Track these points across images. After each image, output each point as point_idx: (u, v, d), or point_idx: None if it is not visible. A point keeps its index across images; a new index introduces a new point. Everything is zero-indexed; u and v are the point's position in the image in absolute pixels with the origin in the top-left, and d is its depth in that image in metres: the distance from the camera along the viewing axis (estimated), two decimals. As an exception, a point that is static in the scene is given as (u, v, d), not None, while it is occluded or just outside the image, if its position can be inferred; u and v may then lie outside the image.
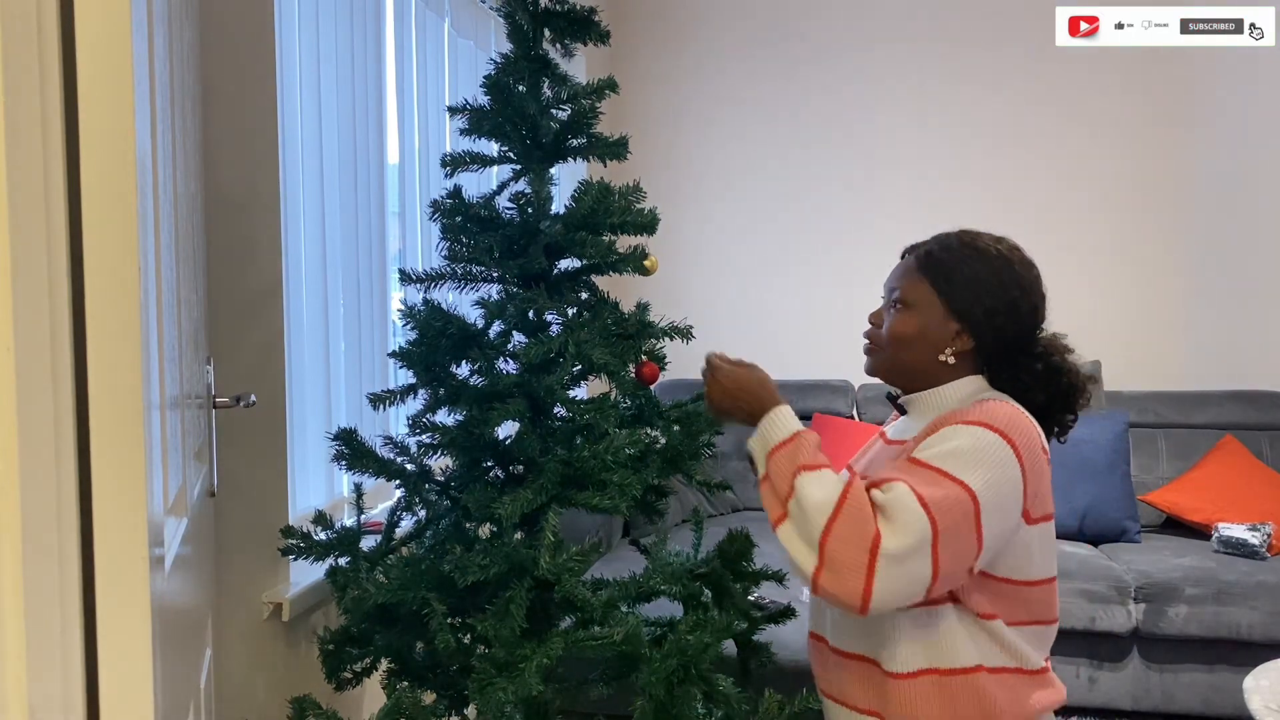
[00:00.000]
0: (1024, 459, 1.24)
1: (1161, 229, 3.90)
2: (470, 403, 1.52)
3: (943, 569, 1.18)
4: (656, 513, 1.66)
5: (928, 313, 1.36)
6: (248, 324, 1.75)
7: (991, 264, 1.36)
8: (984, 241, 1.38)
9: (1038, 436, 1.29)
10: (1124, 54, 3.86)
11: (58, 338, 0.90)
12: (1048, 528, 1.32)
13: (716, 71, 4.20)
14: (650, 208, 1.56)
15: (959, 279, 1.35)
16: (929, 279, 1.37)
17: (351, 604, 1.54)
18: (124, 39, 0.89)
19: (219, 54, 1.64)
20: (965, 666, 1.28)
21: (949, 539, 1.18)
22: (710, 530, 1.78)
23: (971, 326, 1.35)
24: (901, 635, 1.29)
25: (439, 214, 1.56)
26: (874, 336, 1.42)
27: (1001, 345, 1.37)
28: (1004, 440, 1.24)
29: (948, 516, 1.18)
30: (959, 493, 1.19)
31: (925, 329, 1.36)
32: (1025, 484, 1.24)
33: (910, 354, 1.38)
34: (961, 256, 1.36)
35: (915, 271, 1.39)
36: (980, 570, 1.26)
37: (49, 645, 0.90)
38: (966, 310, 1.35)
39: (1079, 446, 3.28)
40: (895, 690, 1.30)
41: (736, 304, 4.21)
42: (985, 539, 1.21)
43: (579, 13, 1.57)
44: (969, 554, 1.21)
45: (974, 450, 1.23)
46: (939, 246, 1.39)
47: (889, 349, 1.39)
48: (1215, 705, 2.88)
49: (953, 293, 1.35)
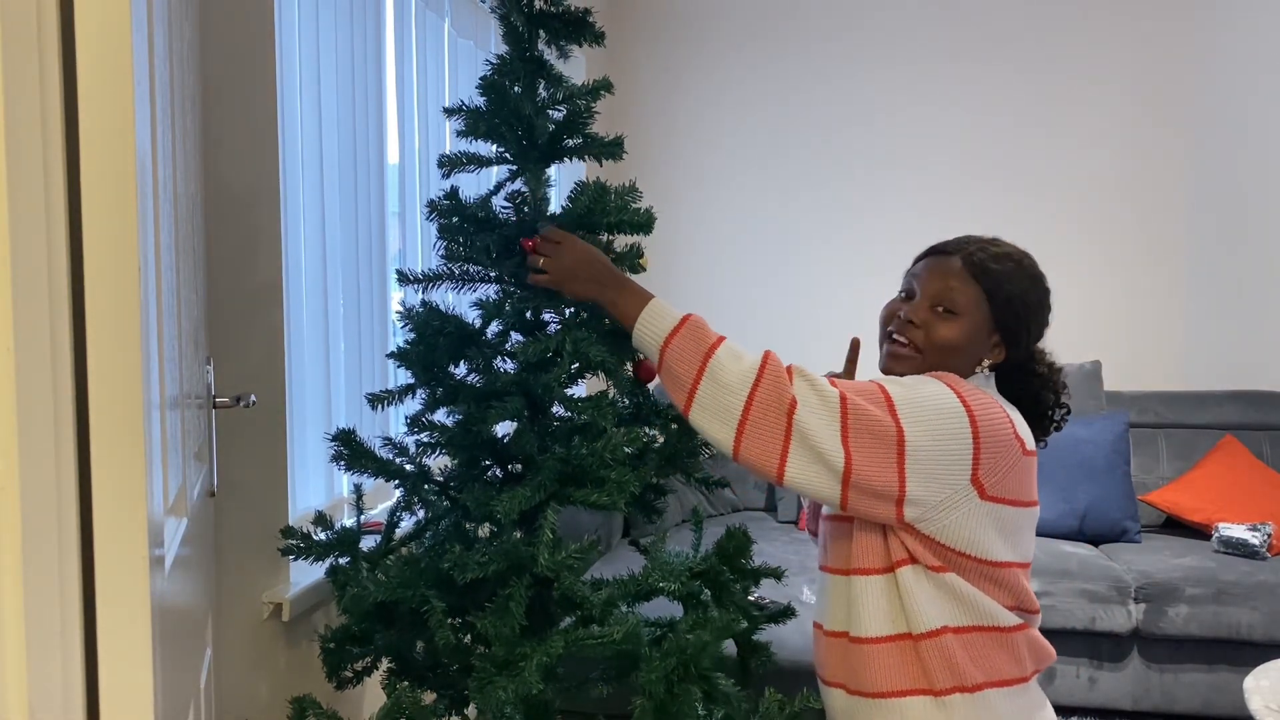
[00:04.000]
0: (979, 429, 1.25)
1: (1162, 229, 3.90)
2: (468, 401, 1.52)
3: (855, 469, 1.21)
4: (655, 512, 1.67)
5: (975, 322, 1.34)
6: (248, 324, 1.75)
7: (1034, 281, 1.37)
8: (1016, 252, 1.38)
9: (1010, 425, 1.30)
10: (1122, 54, 3.86)
11: (58, 338, 0.90)
12: (1019, 513, 1.32)
13: (712, 71, 4.20)
14: (646, 207, 1.57)
15: (1010, 294, 1.34)
16: (983, 288, 1.34)
17: (351, 602, 1.54)
18: (124, 39, 0.89)
19: (219, 54, 1.64)
20: (931, 629, 1.29)
21: (860, 437, 1.22)
22: (710, 530, 1.79)
23: (1009, 342, 1.36)
24: (868, 602, 1.32)
25: (436, 215, 1.57)
26: (911, 337, 1.35)
27: (1019, 357, 1.39)
28: (960, 402, 1.26)
29: (862, 418, 1.22)
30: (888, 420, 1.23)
31: (971, 339, 1.34)
32: (977, 454, 1.25)
33: (950, 363, 1.34)
34: (1010, 270, 1.35)
35: (967, 277, 1.34)
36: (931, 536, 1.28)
37: (49, 645, 0.90)
38: (1009, 326, 1.35)
39: (1079, 446, 3.29)
40: (860, 656, 1.33)
41: (733, 302, 4.21)
42: (909, 482, 1.23)
43: (573, 14, 1.57)
44: (887, 480, 1.23)
45: (922, 397, 1.26)
46: (987, 255, 1.35)
47: (930, 355, 1.34)
48: (1215, 705, 2.88)
49: (1003, 306, 1.34)
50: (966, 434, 1.25)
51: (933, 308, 1.34)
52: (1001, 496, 1.29)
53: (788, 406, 1.22)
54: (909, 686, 1.31)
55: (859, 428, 1.22)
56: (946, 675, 1.29)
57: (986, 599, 1.30)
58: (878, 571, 1.32)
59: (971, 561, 1.29)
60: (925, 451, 1.23)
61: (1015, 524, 1.32)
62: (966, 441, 1.25)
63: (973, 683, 1.29)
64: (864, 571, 1.33)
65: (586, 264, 1.37)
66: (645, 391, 1.61)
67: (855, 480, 1.22)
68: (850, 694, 1.37)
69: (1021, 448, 1.31)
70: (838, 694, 1.39)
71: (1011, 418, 1.32)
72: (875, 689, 1.32)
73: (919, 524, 1.27)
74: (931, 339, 1.34)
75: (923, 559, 1.29)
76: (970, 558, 1.29)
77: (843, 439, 1.21)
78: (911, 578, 1.30)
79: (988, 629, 1.31)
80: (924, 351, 1.34)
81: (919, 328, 1.35)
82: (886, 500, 1.24)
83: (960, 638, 1.29)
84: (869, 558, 1.33)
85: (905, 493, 1.23)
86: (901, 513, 1.26)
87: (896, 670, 1.31)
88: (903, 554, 1.30)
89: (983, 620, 1.30)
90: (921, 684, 1.30)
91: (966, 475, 1.25)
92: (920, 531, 1.28)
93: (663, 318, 1.32)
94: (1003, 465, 1.28)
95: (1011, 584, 1.32)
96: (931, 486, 1.24)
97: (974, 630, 1.30)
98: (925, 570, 1.30)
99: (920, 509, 1.25)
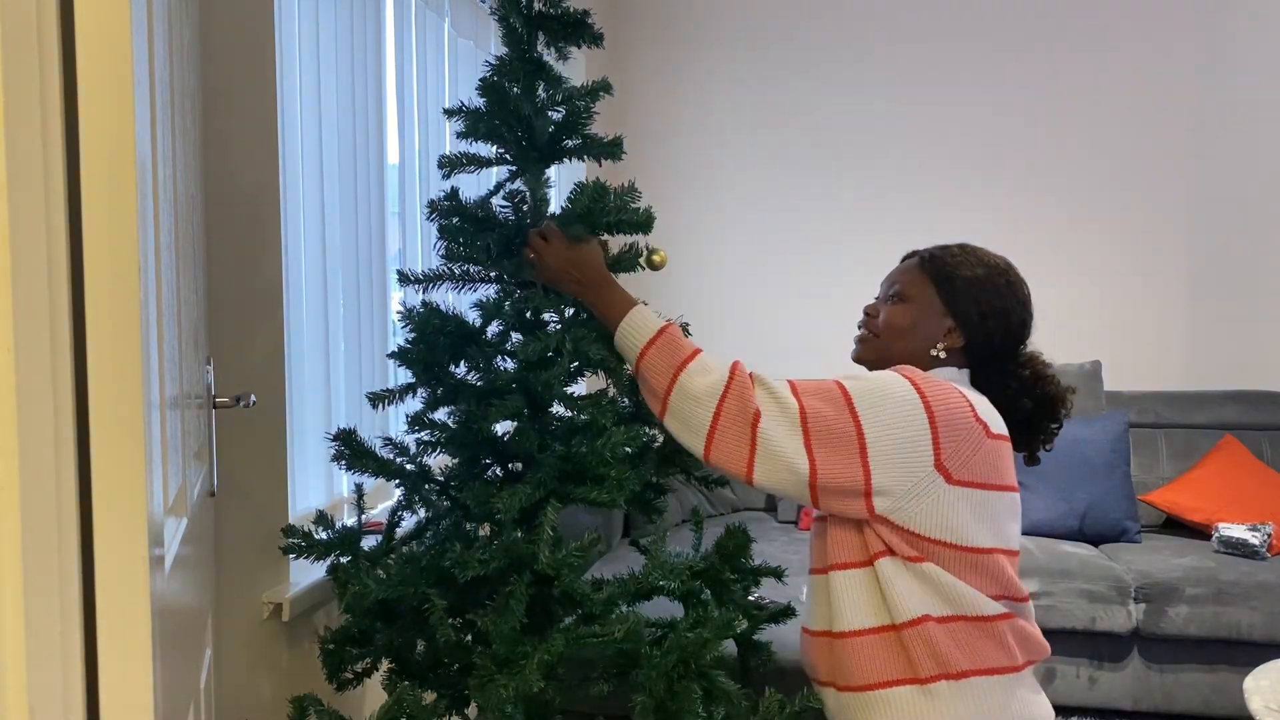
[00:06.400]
0: (934, 413, 1.29)
1: (1162, 229, 3.90)
2: (469, 400, 1.52)
3: (820, 471, 1.28)
4: (655, 511, 1.67)
5: (924, 307, 1.44)
6: (248, 324, 1.75)
7: (990, 270, 1.44)
8: (984, 252, 1.48)
9: (968, 409, 1.32)
10: (1124, 54, 3.86)
11: (58, 338, 0.90)
12: (993, 497, 1.34)
13: (712, 71, 4.20)
14: (646, 206, 1.57)
15: (958, 278, 1.44)
16: (929, 275, 1.45)
17: (352, 600, 1.54)
18: (124, 39, 0.90)
19: (219, 54, 1.64)
20: (911, 618, 1.30)
21: (820, 440, 1.28)
22: (710, 530, 1.79)
23: (964, 325, 1.43)
24: (847, 596, 1.34)
25: (436, 215, 1.57)
26: (869, 325, 1.49)
27: (990, 349, 1.43)
28: (914, 390, 1.31)
29: (820, 422, 1.29)
30: (846, 417, 1.29)
31: (920, 321, 1.44)
32: (935, 438, 1.29)
33: (902, 344, 1.45)
34: (962, 260, 1.45)
35: (916, 269, 1.48)
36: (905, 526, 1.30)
37: (49, 645, 0.90)
38: (962, 308, 1.43)
39: (1079, 446, 3.29)
40: (844, 651, 1.34)
41: (732, 302, 4.21)
42: (873, 474, 1.28)
43: (572, 16, 1.57)
44: (852, 475, 1.28)
45: (876, 389, 1.32)
46: (940, 250, 1.48)
47: (883, 337, 1.47)
48: (1215, 705, 2.88)
49: (950, 290, 1.43)
50: (923, 419, 1.29)
51: (887, 297, 1.49)
52: (970, 480, 1.31)
53: (751, 418, 1.30)
54: (894, 677, 1.32)
55: (819, 430, 1.29)
56: (931, 663, 1.30)
57: (967, 588, 1.31)
58: (856, 565, 1.35)
59: (950, 549, 1.31)
60: (884, 441, 1.28)
61: (992, 509, 1.34)
62: (924, 427, 1.29)
63: (958, 669, 1.30)
64: (842, 566, 1.36)
65: (573, 264, 1.42)
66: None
67: (822, 483, 1.29)
68: (839, 690, 1.38)
69: (985, 431, 1.33)
70: (829, 693, 1.41)
71: (972, 400, 1.34)
72: (861, 681, 1.33)
73: (892, 515, 1.30)
74: (885, 323, 1.46)
75: (899, 550, 1.32)
76: (948, 545, 1.30)
77: (805, 445, 1.29)
78: (890, 569, 1.31)
79: (971, 618, 1.32)
80: (879, 335, 1.47)
81: (874, 316, 1.49)
82: (855, 495, 1.29)
83: (943, 627, 1.30)
84: (846, 552, 1.35)
85: (872, 485, 1.28)
86: (871, 504, 1.30)
87: (881, 662, 1.32)
88: (879, 546, 1.33)
89: (965, 609, 1.31)
90: (906, 674, 1.31)
91: (929, 460, 1.29)
92: (894, 523, 1.30)
93: (640, 329, 1.39)
94: (965, 448, 1.30)
95: (995, 571, 1.33)
96: (895, 474, 1.28)
97: (957, 620, 1.31)
98: (903, 561, 1.31)
99: (889, 499, 1.29)
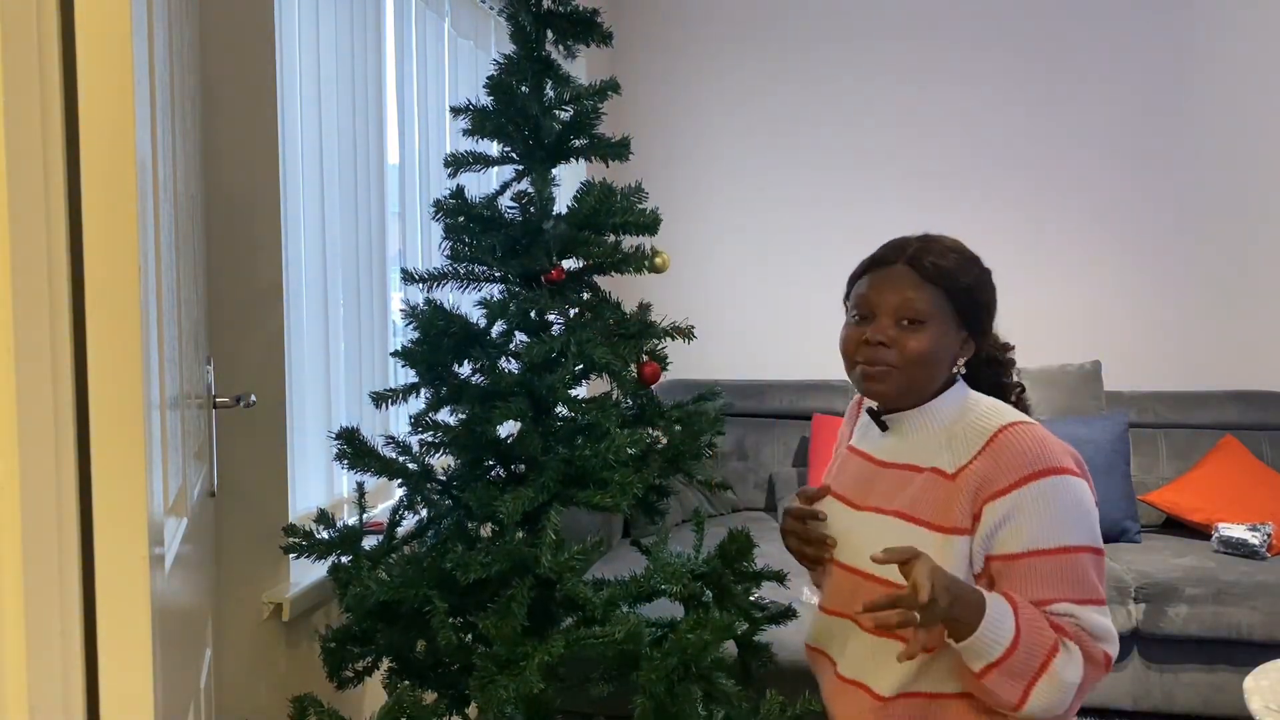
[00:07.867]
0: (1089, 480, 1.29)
1: (1161, 229, 3.90)
2: (472, 401, 1.52)
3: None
4: (658, 513, 1.66)
5: (943, 325, 1.29)
6: (248, 324, 1.74)
7: (979, 266, 1.35)
8: (955, 242, 1.36)
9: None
10: (1122, 52, 3.86)
11: (58, 338, 0.90)
12: None
13: (718, 71, 4.20)
14: (652, 208, 1.56)
15: (966, 286, 1.31)
16: (943, 288, 1.29)
17: (353, 601, 1.54)
18: (124, 39, 0.89)
19: (219, 54, 1.64)
20: (951, 692, 1.26)
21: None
22: (711, 531, 1.79)
23: (974, 333, 1.34)
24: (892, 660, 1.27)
25: (442, 214, 1.56)
26: (882, 357, 1.28)
27: (985, 348, 1.38)
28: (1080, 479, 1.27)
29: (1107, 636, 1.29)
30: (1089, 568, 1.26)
31: (942, 342, 1.29)
32: None
33: (931, 371, 1.30)
34: (957, 262, 1.32)
35: (921, 282, 1.29)
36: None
37: (49, 645, 0.90)
38: (974, 317, 1.33)
39: (1079, 446, 3.26)
40: (877, 714, 1.29)
41: (738, 303, 4.21)
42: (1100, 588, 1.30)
43: (581, 14, 1.57)
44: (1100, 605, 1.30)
45: (1075, 507, 1.25)
46: (931, 254, 1.31)
47: (910, 369, 1.28)
48: (1215, 705, 2.88)
49: (963, 301, 1.30)
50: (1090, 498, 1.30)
51: (898, 322, 1.28)
52: None
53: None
54: None
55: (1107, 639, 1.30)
56: None
57: None
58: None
59: None
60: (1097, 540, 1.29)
61: None
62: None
63: None
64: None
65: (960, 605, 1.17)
66: (648, 393, 1.61)
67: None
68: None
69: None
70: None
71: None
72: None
73: None
74: (906, 354, 1.27)
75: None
76: None
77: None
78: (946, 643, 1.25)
79: None
80: (901, 367, 1.28)
81: (889, 346, 1.28)
82: None
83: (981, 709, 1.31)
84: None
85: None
86: None
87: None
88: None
89: None
90: None
91: None
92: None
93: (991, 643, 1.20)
94: None
95: None
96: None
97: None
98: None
99: None
